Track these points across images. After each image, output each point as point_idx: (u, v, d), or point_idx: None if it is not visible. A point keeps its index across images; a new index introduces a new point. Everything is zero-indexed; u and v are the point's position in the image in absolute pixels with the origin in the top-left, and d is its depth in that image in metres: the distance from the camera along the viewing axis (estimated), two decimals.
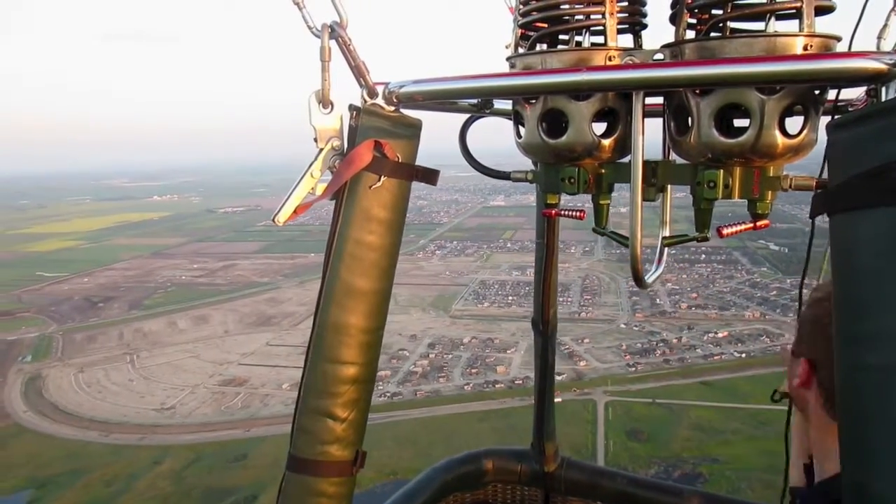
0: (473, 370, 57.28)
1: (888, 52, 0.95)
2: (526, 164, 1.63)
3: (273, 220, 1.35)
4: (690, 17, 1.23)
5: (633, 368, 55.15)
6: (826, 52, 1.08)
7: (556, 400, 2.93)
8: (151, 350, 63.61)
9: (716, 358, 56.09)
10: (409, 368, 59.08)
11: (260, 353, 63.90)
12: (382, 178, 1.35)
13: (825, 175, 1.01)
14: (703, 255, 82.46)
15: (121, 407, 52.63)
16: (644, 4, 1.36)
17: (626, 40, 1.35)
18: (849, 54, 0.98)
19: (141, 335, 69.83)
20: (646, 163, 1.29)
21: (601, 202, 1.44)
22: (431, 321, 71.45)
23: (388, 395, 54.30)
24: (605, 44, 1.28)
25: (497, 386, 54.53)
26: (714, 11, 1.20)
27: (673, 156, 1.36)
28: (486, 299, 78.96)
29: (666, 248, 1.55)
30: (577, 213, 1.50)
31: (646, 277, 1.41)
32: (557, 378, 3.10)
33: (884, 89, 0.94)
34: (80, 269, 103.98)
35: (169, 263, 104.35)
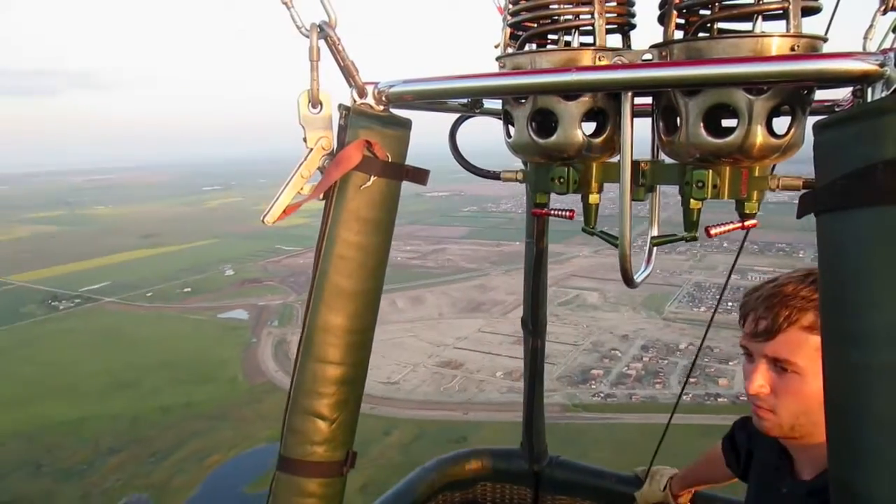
0: (692, 379, 54.25)
1: (874, 53, 0.95)
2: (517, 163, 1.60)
3: (262, 221, 1.33)
4: (679, 17, 1.22)
5: None
6: (812, 53, 1.08)
7: None
8: (378, 326, 68.40)
9: None
10: (621, 370, 58.48)
11: (473, 339, 65.26)
12: (372, 178, 1.33)
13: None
14: None
15: None
16: (633, 4, 1.34)
17: (615, 40, 1.32)
18: (835, 55, 0.97)
19: None
20: (635, 163, 1.28)
21: (590, 202, 1.42)
22: (643, 322, 69.92)
23: (602, 395, 53.72)
24: (594, 44, 1.27)
25: (720, 400, 51.99)
26: (702, 12, 1.19)
27: (662, 156, 1.34)
28: (702, 303, 74.00)
29: (655, 248, 1.53)
30: (567, 214, 1.48)
31: (635, 277, 1.40)
32: None
33: (870, 90, 0.94)
34: (311, 244, 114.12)
35: (393, 243, 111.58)
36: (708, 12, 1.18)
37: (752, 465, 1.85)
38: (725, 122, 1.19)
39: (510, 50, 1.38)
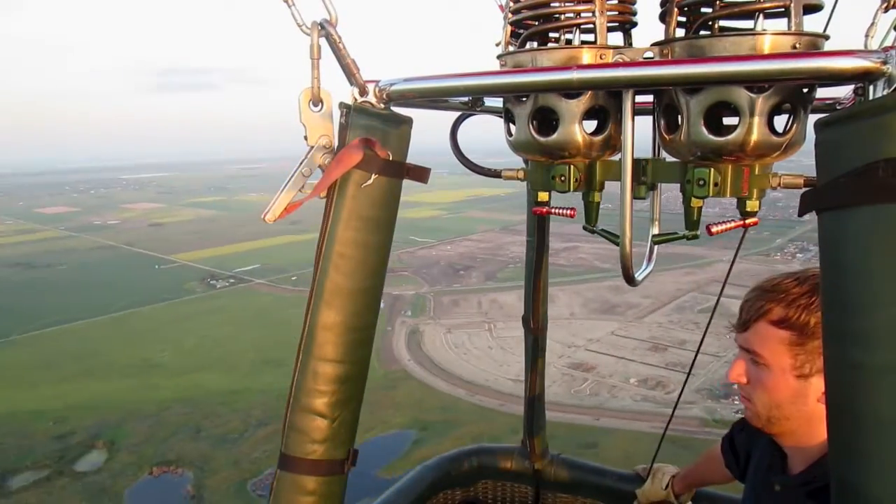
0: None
1: (875, 51, 0.95)
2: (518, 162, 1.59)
3: (263, 218, 1.32)
4: (680, 15, 1.22)
5: None
6: (814, 51, 1.08)
7: None
8: (506, 322, 67.54)
9: None
10: None
11: (605, 342, 63.96)
12: (373, 176, 1.32)
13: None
14: None
15: (482, 371, 56.52)
16: (634, 2, 1.33)
17: (617, 38, 1.32)
18: (836, 53, 0.96)
19: (497, 306, 73.90)
20: (636, 161, 1.28)
21: (591, 200, 1.42)
22: None
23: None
24: (595, 42, 1.27)
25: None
26: (703, 10, 1.19)
27: (663, 154, 1.33)
28: None
29: (656, 246, 1.53)
30: (568, 212, 1.48)
31: (636, 275, 1.41)
32: None
33: (871, 88, 0.94)
34: (444, 237, 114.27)
35: (516, 239, 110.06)
36: (709, 10, 1.18)
37: (751, 463, 1.85)
38: (727, 121, 1.19)
39: (511, 48, 1.37)
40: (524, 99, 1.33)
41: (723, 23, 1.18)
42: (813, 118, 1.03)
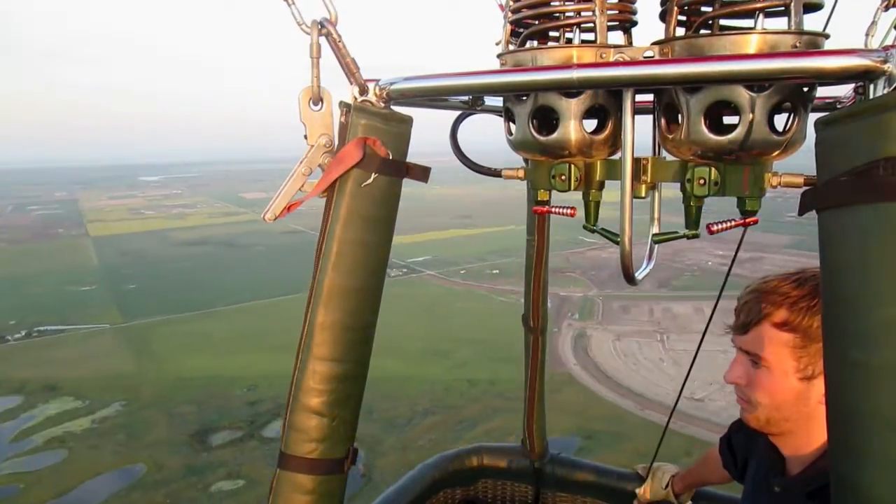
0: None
1: (876, 50, 0.95)
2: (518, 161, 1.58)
3: (263, 217, 1.32)
4: (680, 14, 1.22)
5: None
6: (814, 50, 1.07)
7: None
8: (679, 334, 64.37)
9: None
10: None
11: None
12: (373, 176, 1.32)
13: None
14: None
15: (653, 384, 54.50)
16: (634, 1, 1.33)
17: (617, 37, 1.32)
18: (837, 52, 0.97)
19: (670, 316, 70.98)
20: (636, 160, 1.28)
21: (591, 199, 1.42)
22: None
23: None
24: (595, 41, 1.27)
25: None
26: (703, 9, 1.19)
27: (663, 153, 1.33)
28: None
29: (656, 245, 1.54)
30: (568, 211, 1.48)
31: (636, 274, 1.40)
32: None
33: (871, 86, 0.94)
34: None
35: (696, 246, 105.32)
36: (709, 9, 1.18)
37: (750, 465, 1.84)
38: (727, 119, 1.19)
39: (511, 47, 1.37)
40: (524, 98, 1.33)
41: (723, 22, 1.18)
42: (813, 117, 1.03)
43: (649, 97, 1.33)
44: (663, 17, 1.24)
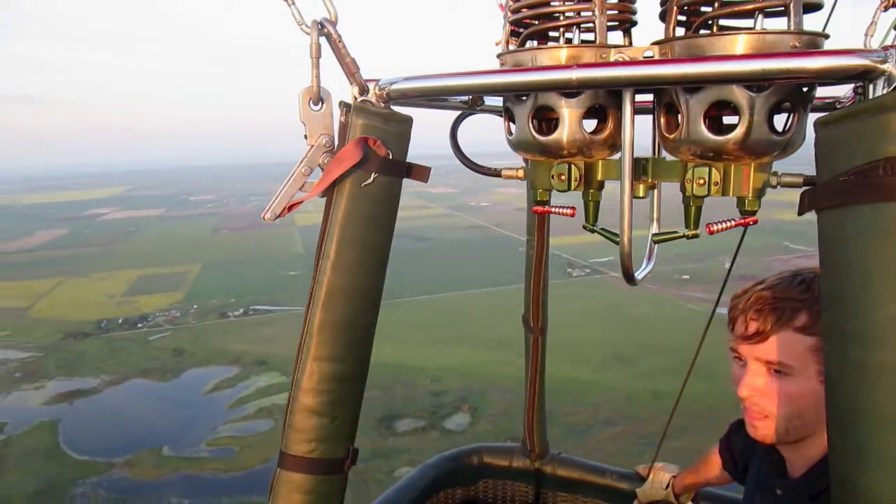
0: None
1: (875, 50, 0.95)
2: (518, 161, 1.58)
3: (263, 217, 1.32)
4: (680, 14, 1.22)
5: None
6: (813, 50, 1.07)
7: None
8: None
9: None
10: None
11: None
12: (373, 176, 1.33)
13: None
14: None
15: None
16: (634, 1, 1.33)
17: (617, 37, 1.32)
18: (836, 52, 0.97)
19: None
20: (636, 160, 1.28)
21: (591, 199, 1.42)
22: None
23: None
24: (595, 41, 1.27)
25: None
26: (703, 9, 1.19)
27: (663, 153, 1.33)
28: None
29: (655, 245, 1.54)
30: (568, 211, 1.48)
31: (636, 274, 1.41)
32: None
33: (871, 87, 0.94)
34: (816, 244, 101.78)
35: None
36: (709, 9, 1.18)
37: (751, 466, 1.83)
38: (727, 119, 1.19)
39: (511, 47, 1.37)
40: (524, 98, 1.33)
41: (723, 22, 1.18)
42: (813, 117, 1.03)
43: (649, 97, 1.32)
44: (663, 17, 1.23)
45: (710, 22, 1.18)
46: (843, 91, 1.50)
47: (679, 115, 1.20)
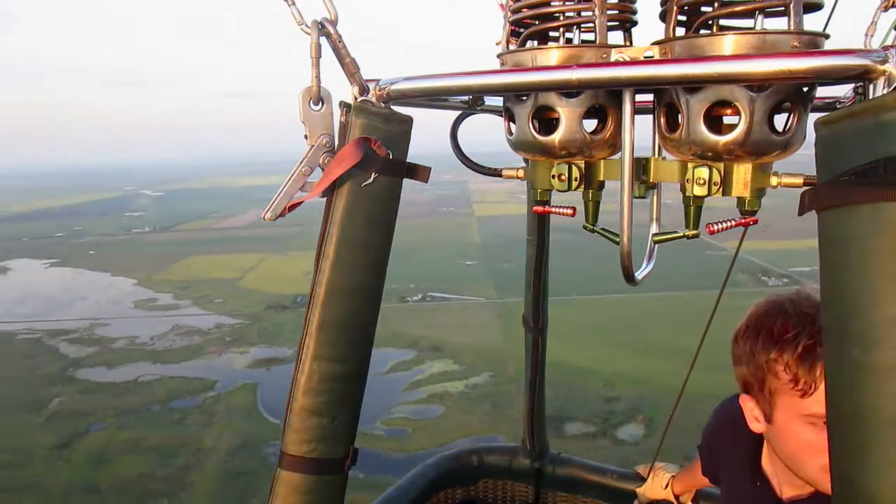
0: None
1: (876, 50, 0.95)
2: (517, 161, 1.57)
3: (263, 217, 1.32)
4: (680, 14, 1.22)
5: None
6: (814, 50, 1.08)
7: None
8: None
9: None
10: None
11: None
12: (373, 176, 1.33)
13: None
14: None
15: None
16: (634, 2, 1.33)
17: (617, 37, 1.32)
18: (836, 52, 0.97)
19: None
20: (636, 160, 1.28)
21: (591, 199, 1.42)
22: None
23: None
24: (595, 41, 1.27)
25: None
26: (703, 9, 1.19)
27: (663, 153, 1.33)
28: None
29: (656, 245, 1.54)
30: (568, 211, 1.48)
31: (636, 274, 1.41)
32: None
33: (871, 87, 0.94)
34: None
35: None
36: (709, 9, 1.18)
37: (722, 475, 1.84)
38: (727, 119, 1.19)
39: (512, 47, 1.37)
40: (524, 98, 1.33)
41: (723, 22, 1.18)
42: (813, 117, 1.03)
43: (649, 97, 1.32)
44: (663, 17, 1.23)
45: (710, 22, 1.18)
46: (844, 91, 1.49)
47: (679, 115, 1.19)
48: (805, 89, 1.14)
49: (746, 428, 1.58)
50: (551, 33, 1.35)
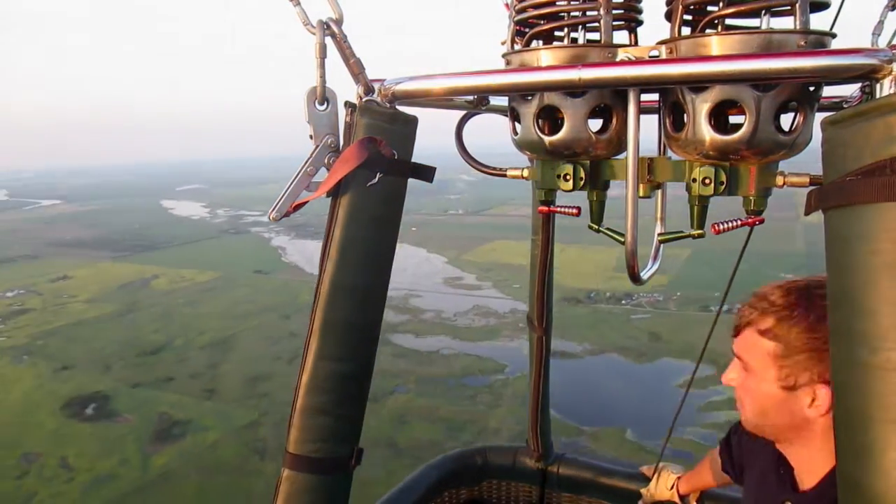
0: None
1: (882, 49, 0.95)
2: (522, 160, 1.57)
3: (268, 217, 1.32)
4: (686, 13, 1.21)
5: None
6: (820, 49, 1.07)
7: None
8: None
9: None
10: None
11: None
12: (378, 176, 1.32)
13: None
14: None
15: None
16: (639, 1, 1.32)
17: (622, 37, 1.31)
18: (843, 51, 0.96)
19: None
20: (641, 159, 1.27)
21: (596, 199, 1.41)
22: None
23: None
24: (600, 41, 1.26)
25: None
26: (709, 8, 1.19)
27: (668, 152, 1.33)
28: None
29: (661, 245, 1.52)
30: (573, 211, 1.47)
31: (641, 274, 1.40)
32: None
33: (878, 86, 0.93)
34: None
35: None
36: (715, 8, 1.17)
37: (749, 471, 1.83)
38: (733, 119, 1.19)
39: (517, 47, 1.36)
40: (529, 98, 1.32)
41: (729, 21, 1.17)
42: (819, 117, 1.03)
43: (655, 96, 1.31)
44: (669, 16, 1.23)
45: (715, 21, 1.17)
46: (850, 90, 1.47)
47: (685, 115, 1.19)
48: (811, 89, 1.13)
49: None
50: (556, 33, 1.33)
